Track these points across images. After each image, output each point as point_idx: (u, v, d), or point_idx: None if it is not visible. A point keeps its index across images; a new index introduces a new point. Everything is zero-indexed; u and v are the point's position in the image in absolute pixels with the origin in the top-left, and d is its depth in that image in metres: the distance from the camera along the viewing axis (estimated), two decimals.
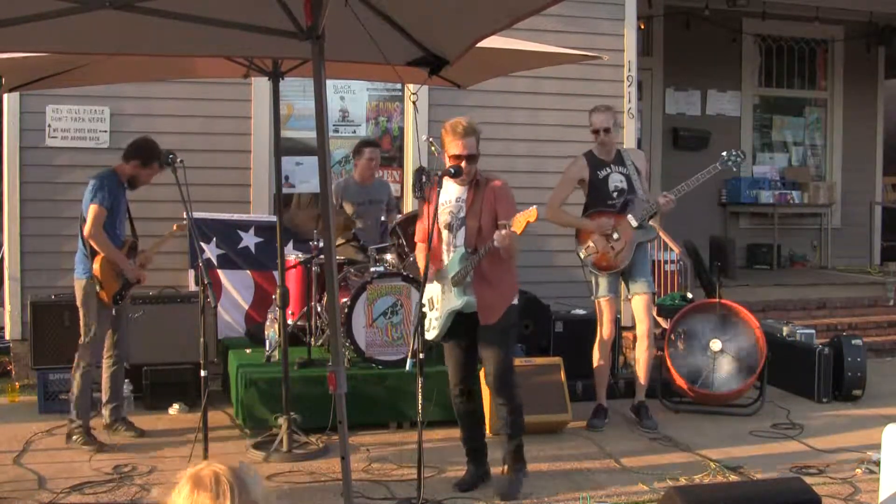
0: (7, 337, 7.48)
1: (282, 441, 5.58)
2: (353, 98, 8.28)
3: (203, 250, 6.49)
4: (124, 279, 5.72)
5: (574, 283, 7.26)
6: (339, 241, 6.89)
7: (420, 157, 7.86)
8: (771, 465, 5.48)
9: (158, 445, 5.74)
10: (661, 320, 7.70)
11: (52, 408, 6.37)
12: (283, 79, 5.78)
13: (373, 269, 6.36)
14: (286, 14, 3.19)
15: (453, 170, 4.96)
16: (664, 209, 6.26)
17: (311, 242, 6.52)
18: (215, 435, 5.64)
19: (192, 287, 7.20)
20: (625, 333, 7.80)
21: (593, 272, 6.33)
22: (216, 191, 7.45)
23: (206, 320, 5.13)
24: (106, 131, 7.41)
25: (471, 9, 3.49)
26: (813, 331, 7.59)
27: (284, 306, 5.79)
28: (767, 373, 6.79)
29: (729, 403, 6.79)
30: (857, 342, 7.26)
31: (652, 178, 10.63)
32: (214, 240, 7.38)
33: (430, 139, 7.51)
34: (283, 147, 6.16)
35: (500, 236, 4.65)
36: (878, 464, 4.61)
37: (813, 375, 7.11)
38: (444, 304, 4.94)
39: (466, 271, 4.84)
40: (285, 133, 7.53)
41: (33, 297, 6.88)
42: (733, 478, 5.24)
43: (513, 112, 8.27)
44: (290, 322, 6.35)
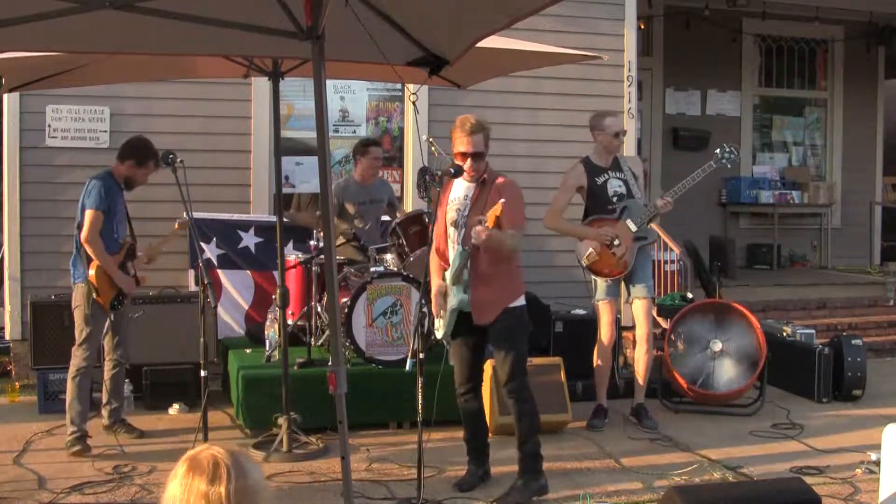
0: (7, 337, 7.48)
1: (282, 441, 5.58)
2: (353, 98, 8.28)
3: (203, 250, 6.49)
4: (121, 288, 5.68)
5: (574, 283, 7.26)
6: (339, 240, 6.89)
7: (420, 157, 7.86)
8: (771, 465, 5.49)
9: (158, 445, 5.74)
10: (661, 320, 7.70)
11: (52, 408, 6.36)
12: (283, 79, 5.78)
13: (373, 269, 6.36)
14: (286, 14, 3.19)
15: (453, 170, 4.98)
16: (663, 210, 6.27)
17: (311, 242, 6.52)
18: (215, 435, 5.65)
19: (192, 287, 7.20)
20: (625, 334, 7.79)
21: (598, 280, 6.33)
22: (216, 191, 7.45)
23: (206, 320, 5.14)
24: (106, 131, 7.42)
25: (471, 9, 3.49)
26: (813, 331, 7.59)
27: (284, 306, 5.79)
28: (767, 373, 6.79)
29: (729, 403, 6.79)
30: (857, 342, 7.26)
31: (652, 178, 10.64)
32: (214, 240, 7.38)
33: (431, 139, 7.51)
34: (283, 147, 6.17)
35: (475, 232, 4.66)
36: (878, 464, 4.62)
37: (813, 375, 7.11)
38: (448, 303, 4.94)
39: (461, 269, 4.83)
40: (285, 133, 7.53)
41: (33, 297, 6.88)
42: (733, 478, 5.24)
43: (513, 112, 8.27)
44: (290, 322, 6.35)
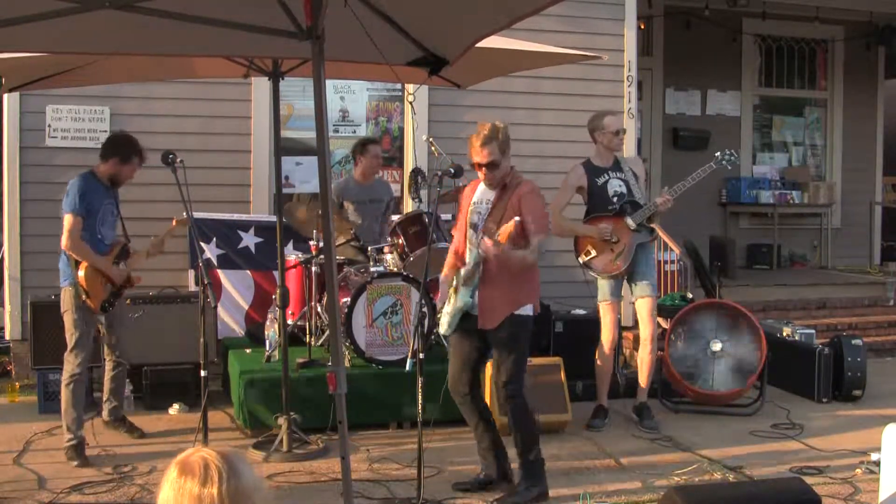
0: (7, 337, 7.48)
1: (282, 441, 5.58)
2: (353, 98, 8.28)
3: (203, 250, 6.48)
4: (113, 290, 5.59)
5: (574, 283, 7.25)
6: (340, 240, 6.88)
7: (418, 157, 7.87)
8: (771, 465, 5.49)
9: (158, 446, 5.74)
10: (661, 320, 7.69)
11: (52, 408, 6.35)
12: (283, 79, 5.77)
13: (373, 269, 6.36)
14: (286, 14, 3.19)
15: (453, 170, 4.99)
16: (662, 208, 6.25)
17: (311, 242, 6.52)
18: (215, 435, 5.65)
19: (192, 287, 7.20)
20: (625, 333, 7.80)
21: (595, 276, 6.34)
22: (216, 191, 7.45)
23: (206, 320, 5.14)
24: (106, 131, 7.39)
25: (471, 9, 3.49)
26: (813, 331, 7.59)
27: (284, 306, 5.78)
28: (767, 373, 6.79)
29: (729, 403, 6.79)
30: (857, 342, 7.26)
31: (652, 178, 10.63)
32: (214, 240, 7.38)
33: (431, 139, 7.51)
34: (283, 147, 6.16)
35: (483, 245, 4.69)
36: (878, 464, 4.62)
37: (813, 375, 7.11)
38: (455, 302, 4.94)
39: (474, 271, 4.81)
40: (285, 133, 7.53)
41: (33, 297, 6.88)
42: (733, 478, 5.24)
43: (513, 112, 8.25)
44: (290, 322, 6.35)
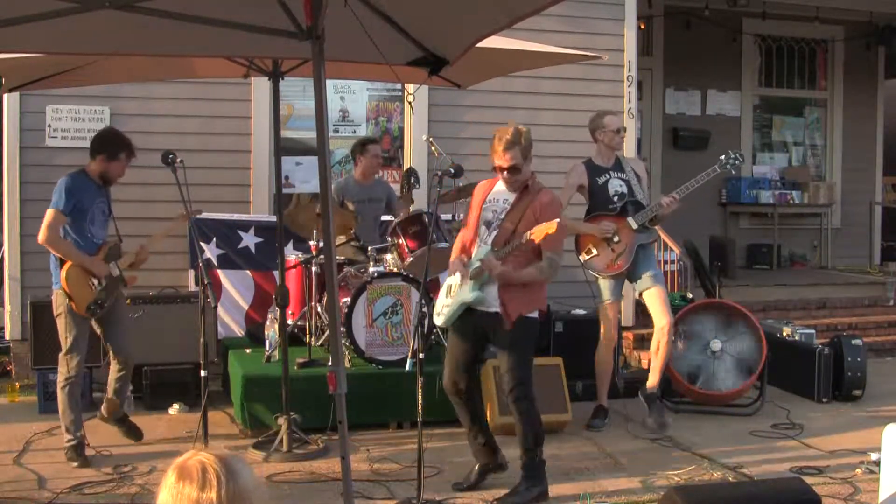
0: (7, 337, 7.48)
1: (282, 441, 5.58)
2: (353, 98, 8.28)
3: (203, 250, 6.48)
4: (102, 288, 5.39)
5: (574, 283, 7.25)
6: (340, 240, 6.88)
7: (417, 157, 7.87)
8: (771, 465, 5.49)
9: (158, 446, 5.74)
10: None
11: (52, 408, 6.34)
12: (283, 79, 5.77)
13: (372, 269, 6.36)
14: (286, 14, 3.19)
15: (453, 170, 5.00)
16: (667, 209, 6.20)
17: (311, 242, 6.52)
18: (215, 435, 5.66)
19: (192, 287, 7.20)
20: (625, 333, 7.80)
21: (595, 276, 6.32)
22: (216, 191, 7.45)
23: (206, 320, 5.14)
24: None
25: (471, 9, 3.49)
26: (813, 331, 7.58)
27: (284, 306, 5.79)
28: (767, 373, 6.79)
29: (729, 403, 6.79)
30: (857, 342, 7.26)
31: (652, 178, 10.62)
32: (214, 240, 7.38)
33: (431, 139, 7.51)
34: (283, 147, 6.16)
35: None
36: (877, 464, 4.62)
37: (813, 375, 7.11)
38: (458, 295, 4.93)
39: (482, 269, 4.78)
40: (285, 133, 7.53)
41: (33, 297, 6.87)
42: (733, 478, 5.24)
43: (512, 112, 8.23)
44: (290, 322, 6.35)
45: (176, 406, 6.58)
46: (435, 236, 5.67)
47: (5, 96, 7.09)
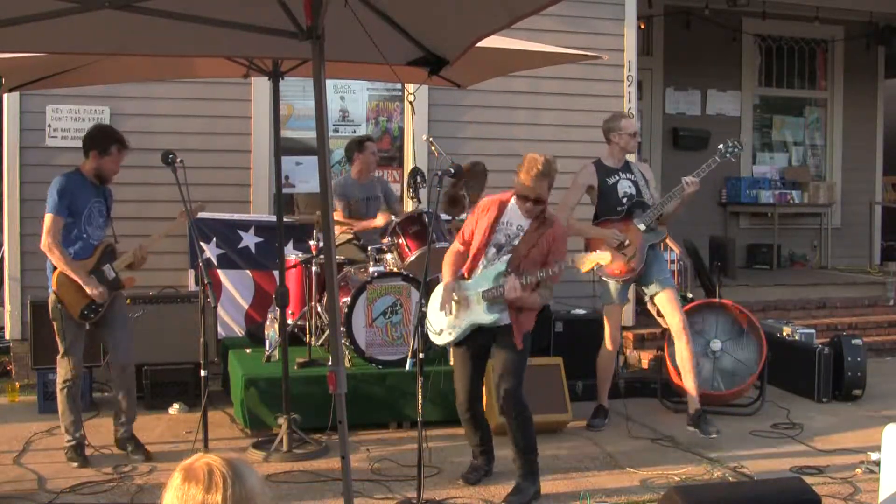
0: (7, 337, 7.49)
1: (282, 441, 5.58)
2: (353, 98, 8.28)
3: (203, 250, 6.48)
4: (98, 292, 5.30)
5: (574, 283, 7.24)
6: (340, 239, 6.88)
7: (418, 157, 7.87)
8: (771, 465, 5.49)
9: (158, 446, 5.74)
10: (661, 320, 7.69)
11: (52, 408, 6.34)
12: (283, 79, 5.77)
13: (372, 268, 6.36)
14: (286, 14, 3.19)
15: (453, 170, 5.01)
16: (689, 191, 6.05)
17: (311, 242, 6.52)
18: (215, 435, 5.65)
19: (192, 287, 7.21)
20: (625, 333, 7.80)
21: (605, 279, 6.25)
22: (216, 190, 7.44)
23: (206, 320, 5.13)
24: None
25: (471, 9, 3.49)
26: (813, 331, 7.58)
27: (284, 306, 5.78)
28: (767, 373, 6.79)
29: (729, 403, 6.79)
30: (857, 342, 7.26)
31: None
32: (214, 239, 7.38)
33: (430, 139, 7.51)
34: (283, 147, 6.16)
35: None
36: (877, 464, 4.62)
37: (813, 375, 7.11)
38: (467, 315, 4.93)
39: (500, 291, 4.81)
40: (285, 133, 7.54)
41: (33, 297, 6.87)
42: (733, 478, 5.24)
43: (513, 112, 8.27)
44: (290, 322, 6.35)
45: (176, 406, 6.58)
46: (435, 236, 5.66)
47: (5, 96, 7.10)
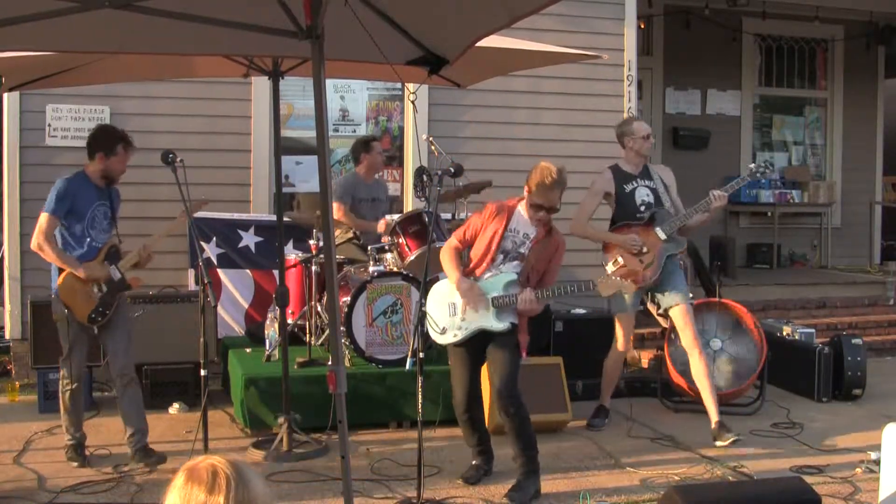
0: (7, 336, 7.49)
1: (282, 440, 5.58)
2: (353, 97, 8.28)
3: (203, 250, 6.48)
4: (103, 294, 5.24)
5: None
6: (340, 239, 6.88)
7: (420, 156, 7.87)
8: (771, 465, 5.49)
9: (158, 445, 5.73)
10: (661, 319, 7.69)
11: (52, 407, 6.35)
12: (283, 78, 5.77)
13: (372, 268, 6.36)
14: (286, 13, 3.19)
15: (453, 169, 5.02)
16: (716, 205, 5.98)
17: (311, 242, 6.52)
18: (215, 434, 5.64)
19: (192, 286, 7.21)
20: None
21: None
22: (216, 190, 7.43)
23: (206, 319, 5.12)
24: None
25: (471, 8, 3.49)
26: (813, 330, 7.58)
27: (284, 306, 5.78)
28: (767, 372, 6.79)
29: (729, 403, 6.78)
30: (857, 342, 7.26)
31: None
32: (214, 239, 7.38)
33: (430, 139, 7.51)
34: (283, 146, 6.16)
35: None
36: (877, 463, 4.62)
37: (813, 375, 7.11)
38: (476, 318, 4.96)
39: (512, 300, 4.87)
40: (285, 132, 7.54)
41: (33, 296, 6.87)
42: (733, 477, 5.24)
43: (513, 112, 8.27)
44: (290, 321, 6.35)
45: (176, 405, 6.59)
46: (435, 235, 5.66)
47: (5, 96, 7.10)
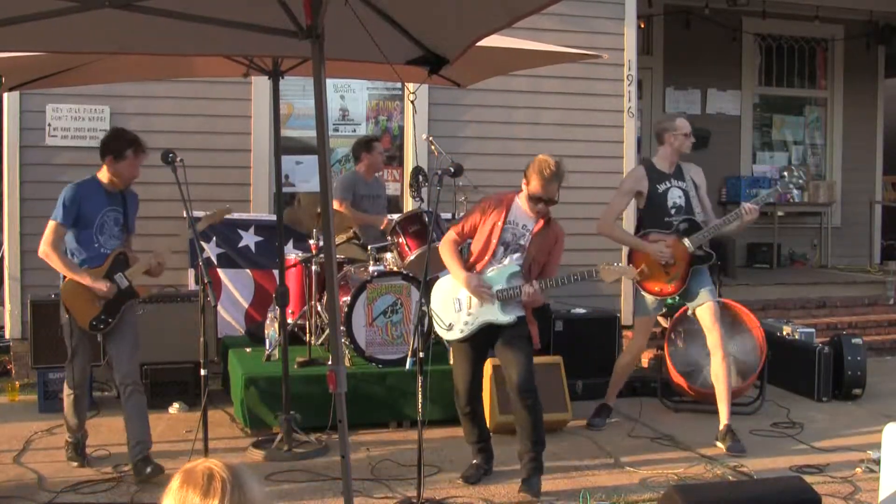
0: (7, 336, 7.49)
1: (282, 440, 5.58)
2: (353, 97, 8.28)
3: (203, 249, 6.48)
4: (107, 303, 5.13)
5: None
6: (340, 239, 6.88)
7: (418, 156, 7.87)
8: (771, 464, 5.49)
9: (158, 445, 5.72)
10: (661, 319, 7.70)
11: (52, 407, 6.36)
12: (283, 78, 5.77)
13: (372, 268, 6.36)
14: (286, 13, 3.19)
15: (453, 169, 5.01)
16: (748, 218, 5.88)
17: (311, 241, 6.52)
18: (215, 434, 5.64)
19: (192, 286, 7.21)
20: (626, 332, 7.79)
21: (644, 294, 6.10)
22: (216, 190, 7.44)
23: (206, 319, 5.11)
24: (106, 130, 7.39)
25: (471, 8, 3.49)
26: (813, 330, 7.58)
27: (284, 305, 5.78)
28: (767, 372, 6.79)
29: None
30: (857, 341, 7.27)
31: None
32: (214, 239, 7.38)
33: (430, 138, 7.51)
34: (283, 146, 6.16)
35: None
36: (877, 463, 4.62)
37: (813, 374, 7.11)
38: (481, 312, 4.99)
39: (516, 292, 4.91)
40: (285, 132, 7.54)
41: (33, 296, 6.87)
42: (733, 477, 5.24)
43: (513, 111, 8.27)
44: (290, 321, 6.35)
45: (176, 405, 6.59)
46: (435, 235, 5.66)
47: (5, 95, 7.10)
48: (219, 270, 7.38)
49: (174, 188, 5.11)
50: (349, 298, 6.15)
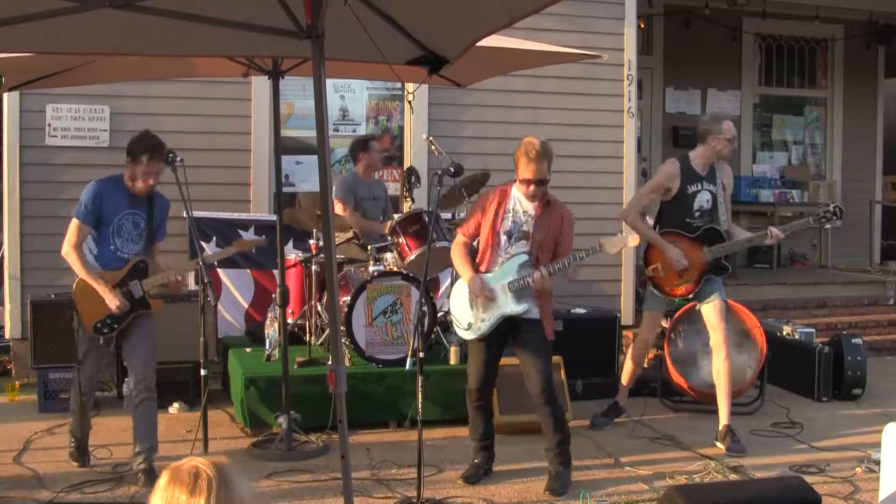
0: (7, 336, 7.48)
1: (282, 440, 5.58)
2: (353, 97, 8.28)
3: (203, 249, 6.47)
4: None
5: (574, 281, 7.25)
6: (340, 238, 6.88)
7: (417, 156, 7.87)
8: (771, 464, 5.49)
9: (159, 445, 5.72)
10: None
11: (52, 407, 6.37)
12: (283, 78, 5.77)
13: (372, 267, 6.36)
14: (286, 13, 3.19)
15: (453, 169, 5.02)
16: (773, 240, 5.90)
17: (311, 241, 6.52)
18: (215, 434, 5.65)
19: (192, 286, 7.20)
20: (626, 332, 7.79)
21: (653, 290, 6.11)
22: (216, 190, 7.45)
23: (206, 319, 5.12)
24: (106, 130, 7.42)
25: (471, 8, 3.49)
26: (813, 330, 7.59)
27: (284, 305, 5.79)
28: (767, 372, 6.79)
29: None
30: (857, 341, 7.27)
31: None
32: (214, 239, 7.38)
33: (430, 138, 7.51)
34: (283, 146, 6.16)
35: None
36: (878, 462, 4.62)
37: (813, 374, 7.11)
38: (496, 307, 4.97)
39: (526, 282, 4.89)
40: (285, 132, 7.54)
41: (33, 296, 6.88)
42: (733, 477, 5.24)
43: (512, 111, 8.26)
44: (290, 321, 6.35)
45: (176, 405, 6.58)
46: (435, 235, 5.67)
47: (5, 95, 7.10)
48: (219, 270, 7.38)
49: (174, 188, 5.11)
50: (349, 298, 6.15)
